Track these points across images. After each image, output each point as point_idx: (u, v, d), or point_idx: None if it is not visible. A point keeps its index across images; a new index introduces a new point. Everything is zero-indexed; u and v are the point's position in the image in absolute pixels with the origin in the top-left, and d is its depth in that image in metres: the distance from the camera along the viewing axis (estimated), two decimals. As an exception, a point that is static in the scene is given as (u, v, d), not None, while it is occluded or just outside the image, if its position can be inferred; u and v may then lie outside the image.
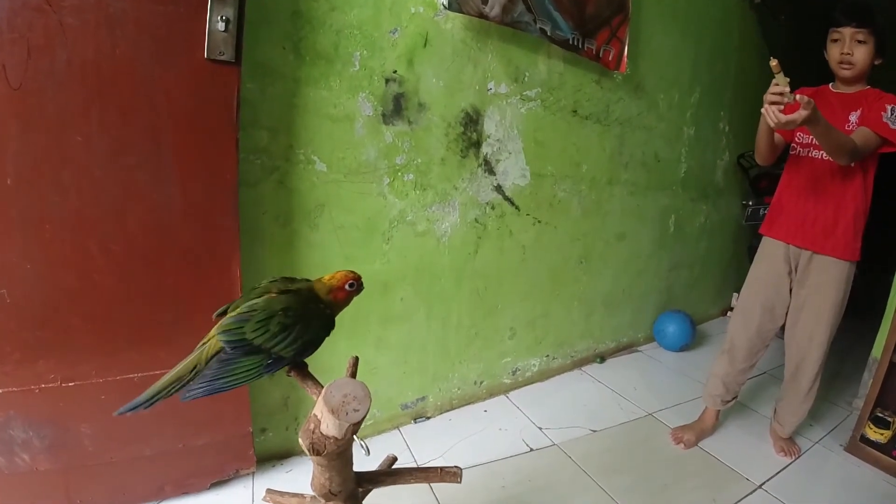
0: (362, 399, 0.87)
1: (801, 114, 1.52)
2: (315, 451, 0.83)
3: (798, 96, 1.53)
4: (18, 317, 1.34)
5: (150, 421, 1.55)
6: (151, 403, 1.02)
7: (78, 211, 1.34)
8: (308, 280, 1.10)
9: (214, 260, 1.54)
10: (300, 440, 0.85)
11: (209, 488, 1.73)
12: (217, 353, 1.00)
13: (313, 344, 1.03)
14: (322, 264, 1.84)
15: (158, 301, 1.49)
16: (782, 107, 1.57)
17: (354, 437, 0.88)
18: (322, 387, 0.92)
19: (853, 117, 1.87)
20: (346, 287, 1.03)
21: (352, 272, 1.04)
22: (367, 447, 0.99)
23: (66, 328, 1.40)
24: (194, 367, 1.01)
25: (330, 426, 0.83)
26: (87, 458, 1.50)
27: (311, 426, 0.85)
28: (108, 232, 1.39)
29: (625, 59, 2.57)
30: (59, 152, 1.30)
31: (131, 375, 1.50)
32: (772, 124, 1.62)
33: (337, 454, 0.87)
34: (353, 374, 1.04)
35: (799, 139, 2.02)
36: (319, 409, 0.85)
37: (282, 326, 1.00)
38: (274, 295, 1.03)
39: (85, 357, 1.44)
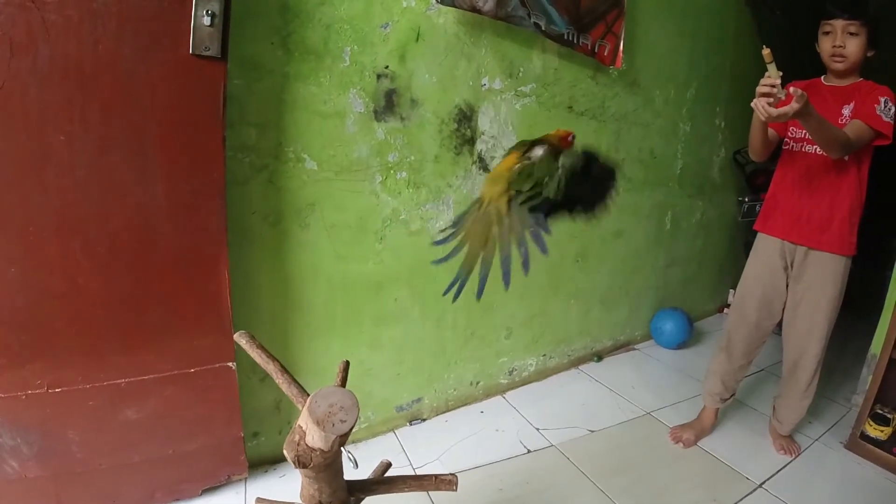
0: (349, 409, 0.83)
1: (793, 106, 1.50)
2: (301, 464, 0.80)
3: (792, 89, 1.50)
4: (3, 321, 1.31)
5: (138, 427, 1.53)
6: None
7: (61, 212, 1.31)
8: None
9: (201, 261, 1.51)
10: (285, 452, 0.81)
11: (201, 494, 1.70)
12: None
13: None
14: (313, 264, 1.81)
15: (144, 303, 1.46)
16: (773, 100, 1.55)
17: (342, 448, 0.84)
18: (308, 395, 0.88)
19: (846, 110, 1.85)
20: (570, 139, 1.13)
21: (565, 129, 1.15)
22: (355, 459, 0.95)
23: (52, 333, 1.37)
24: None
25: (315, 438, 0.80)
26: (76, 465, 1.47)
27: (297, 437, 0.81)
28: (92, 233, 1.36)
29: (620, 54, 2.54)
30: (42, 152, 1.26)
31: (118, 381, 1.47)
32: (762, 118, 1.60)
33: (325, 466, 0.83)
34: (344, 380, 1.01)
35: (792, 134, 2.00)
36: (304, 420, 0.82)
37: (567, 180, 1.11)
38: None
39: (71, 362, 1.41)
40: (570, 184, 1.10)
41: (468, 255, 1.09)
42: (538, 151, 1.14)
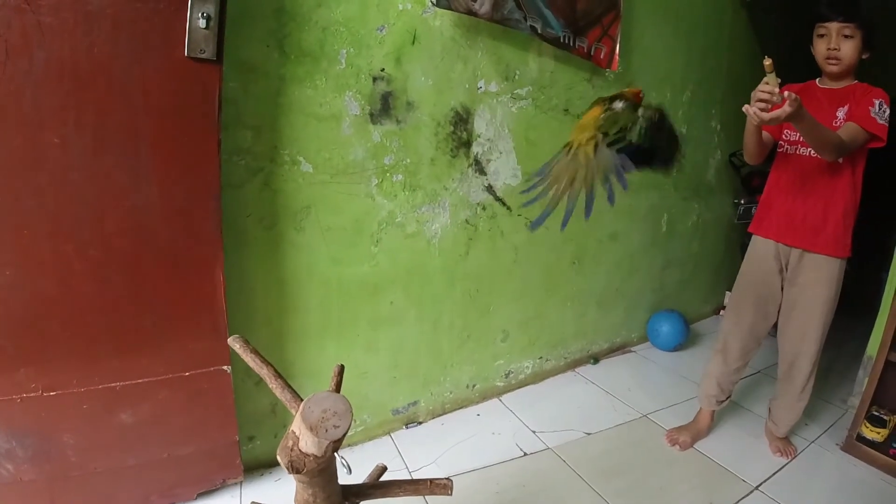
0: (343, 414, 0.82)
1: (786, 109, 1.50)
2: (294, 469, 0.79)
3: (786, 93, 1.51)
4: (-2, 324, 1.30)
5: (133, 430, 1.52)
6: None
7: (55, 215, 1.31)
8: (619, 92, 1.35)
9: (196, 264, 1.50)
10: (279, 458, 0.81)
11: (196, 498, 1.70)
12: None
13: None
14: (309, 267, 1.81)
15: (138, 307, 1.46)
16: (768, 105, 1.55)
17: (336, 453, 0.84)
18: (301, 400, 0.88)
19: (840, 113, 1.85)
20: (640, 95, 1.29)
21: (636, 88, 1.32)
22: (348, 465, 0.95)
23: (46, 336, 1.37)
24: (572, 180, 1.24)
25: (309, 443, 0.79)
26: (71, 469, 1.47)
27: (290, 443, 0.81)
28: (86, 236, 1.35)
29: (616, 57, 2.54)
30: (37, 155, 1.26)
31: (113, 384, 1.47)
32: (755, 122, 1.60)
33: (318, 471, 0.83)
34: (338, 384, 1.00)
35: (786, 136, 2.00)
36: (297, 426, 0.81)
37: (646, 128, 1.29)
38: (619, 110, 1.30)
39: (65, 366, 1.41)
40: (649, 132, 1.28)
41: (554, 193, 1.24)
42: (619, 104, 1.29)
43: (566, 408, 2.51)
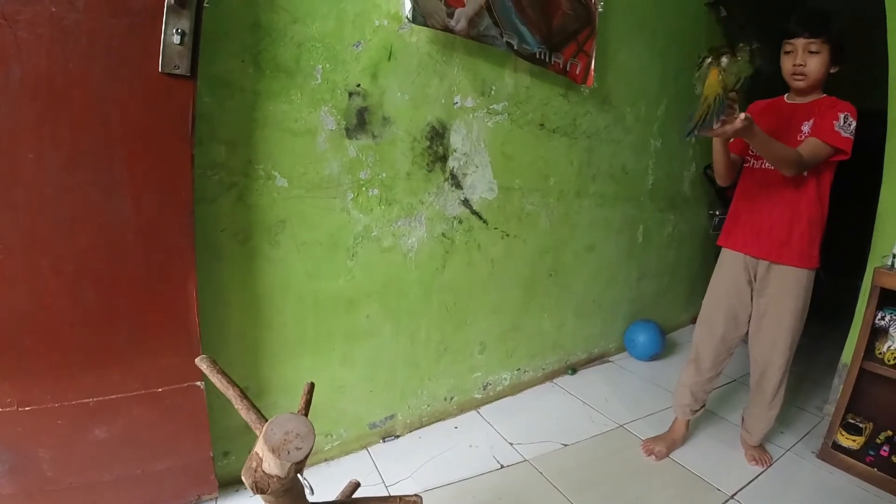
0: (305, 436, 0.83)
1: (735, 125, 1.54)
2: (259, 490, 0.80)
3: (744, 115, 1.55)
4: (-27, 339, 1.29)
5: (107, 446, 1.51)
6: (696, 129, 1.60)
7: (29, 230, 1.30)
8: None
9: (169, 279, 1.49)
10: (243, 478, 0.81)
11: (170, 515, 1.68)
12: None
13: None
14: (284, 282, 1.81)
15: (111, 322, 1.45)
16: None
17: (299, 475, 0.84)
18: (266, 421, 0.88)
19: (806, 127, 1.89)
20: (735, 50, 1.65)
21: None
22: (310, 486, 0.95)
23: (21, 351, 1.35)
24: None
25: (272, 465, 0.80)
26: (47, 484, 1.46)
27: (254, 464, 0.81)
28: (60, 251, 1.34)
29: (592, 72, 2.58)
30: (11, 170, 1.25)
31: (86, 400, 1.46)
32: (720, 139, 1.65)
33: (283, 491, 0.83)
34: (308, 402, 1.00)
35: (752, 151, 2.04)
36: (260, 447, 0.82)
37: None
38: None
39: (39, 381, 1.39)
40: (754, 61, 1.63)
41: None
42: (724, 60, 1.60)
43: (543, 419, 2.53)
